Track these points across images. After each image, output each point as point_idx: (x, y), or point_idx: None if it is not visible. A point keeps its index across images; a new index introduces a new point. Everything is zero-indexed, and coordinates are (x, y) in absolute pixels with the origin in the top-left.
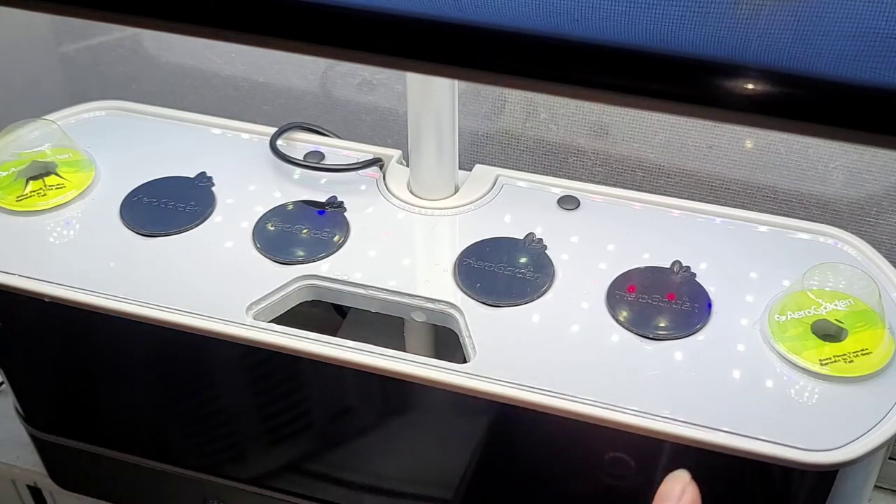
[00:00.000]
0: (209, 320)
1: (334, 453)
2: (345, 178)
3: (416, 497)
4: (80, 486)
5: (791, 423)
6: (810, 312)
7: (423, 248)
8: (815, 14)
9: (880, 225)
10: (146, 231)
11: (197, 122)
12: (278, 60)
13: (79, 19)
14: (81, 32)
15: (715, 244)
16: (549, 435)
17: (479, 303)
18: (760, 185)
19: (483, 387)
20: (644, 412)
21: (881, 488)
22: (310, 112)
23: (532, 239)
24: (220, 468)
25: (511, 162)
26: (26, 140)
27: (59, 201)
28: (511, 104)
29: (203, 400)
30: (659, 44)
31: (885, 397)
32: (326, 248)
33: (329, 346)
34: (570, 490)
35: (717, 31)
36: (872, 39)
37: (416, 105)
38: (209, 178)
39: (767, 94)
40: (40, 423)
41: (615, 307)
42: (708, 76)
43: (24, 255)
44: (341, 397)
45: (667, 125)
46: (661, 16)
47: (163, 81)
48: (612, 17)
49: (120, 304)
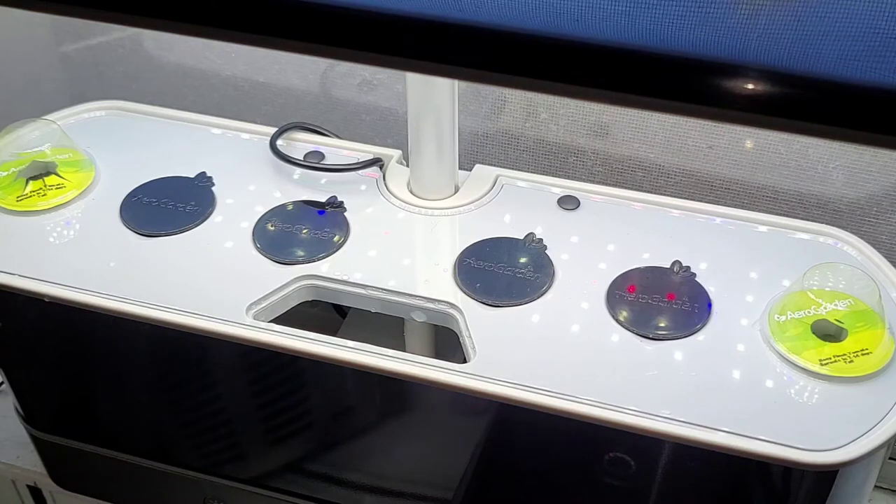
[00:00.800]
0: (209, 320)
1: (334, 453)
2: (345, 178)
3: (416, 497)
4: (80, 486)
5: (791, 423)
6: (810, 312)
7: (423, 248)
8: (815, 14)
9: (880, 225)
10: (146, 231)
11: (197, 122)
12: (278, 60)
13: (79, 19)
14: (81, 32)
15: (715, 244)
16: (549, 435)
17: (479, 303)
18: (760, 185)
19: (483, 387)
20: (644, 412)
21: (881, 488)
22: (310, 112)
23: (532, 239)
24: (220, 468)
25: (511, 162)
26: (26, 140)
27: (59, 201)
28: (511, 104)
29: (203, 400)
30: (659, 44)
31: (885, 397)
32: (326, 248)
33: (329, 346)
34: (569, 490)
35: (717, 31)
36: (873, 40)
37: (416, 105)
38: (209, 178)
39: (767, 94)
40: (40, 423)
41: (615, 307)
42: (708, 76)
43: (24, 255)
44: (341, 397)
45: (667, 125)
46: (661, 16)
47: (163, 81)
48: (612, 17)
49: (120, 304)
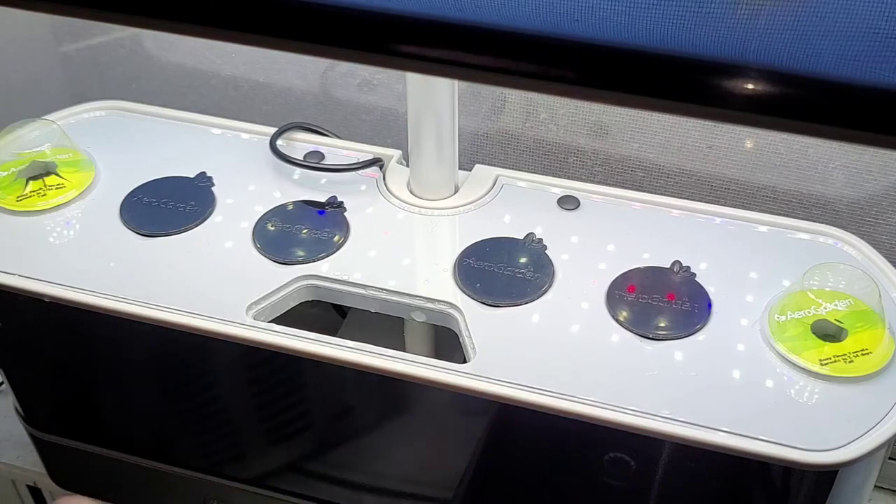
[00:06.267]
0: (209, 320)
1: (334, 453)
2: (345, 178)
3: (416, 497)
4: (80, 486)
5: (791, 423)
6: (810, 312)
7: (423, 248)
8: (815, 14)
9: (880, 225)
10: (146, 231)
11: (197, 122)
12: (278, 60)
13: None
14: (81, 32)
15: (715, 244)
16: (549, 435)
17: (479, 303)
18: (760, 185)
19: (483, 387)
20: (644, 412)
21: (881, 488)
22: (310, 112)
23: (532, 239)
24: (220, 468)
25: (511, 162)
26: (26, 140)
27: (59, 201)
28: (511, 104)
29: (203, 400)
30: (659, 44)
31: (885, 397)
32: (326, 248)
33: (329, 346)
34: (569, 490)
35: (717, 31)
36: (872, 39)
37: (416, 105)
38: (209, 178)
39: (767, 94)
40: (40, 423)
41: (615, 307)
42: (708, 76)
43: (24, 255)
44: (341, 397)
45: (667, 125)
46: (661, 16)
47: (163, 81)
48: (612, 17)
49: (120, 304)
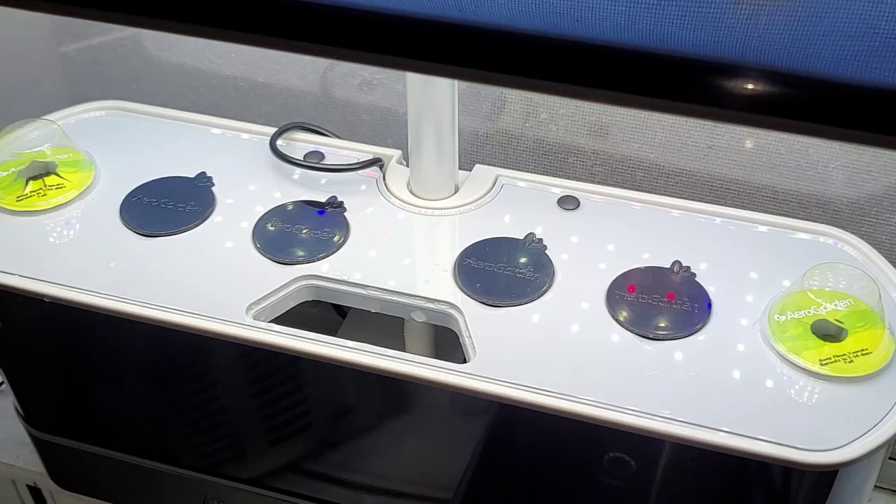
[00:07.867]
0: (209, 320)
1: (334, 453)
2: (345, 178)
3: (416, 497)
4: (80, 486)
5: (791, 423)
6: (810, 312)
7: (423, 248)
8: (815, 14)
9: (880, 225)
10: (146, 231)
11: (197, 122)
12: (278, 60)
13: (79, 19)
14: (81, 32)
15: (715, 244)
16: (549, 435)
17: (479, 303)
18: (760, 185)
19: (483, 387)
20: (644, 412)
21: (881, 488)
22: (310, 112)
23: (532, 239)
24: (220, 468)
25: (511, 162)
26: (26, 140)
27: (59, 201)
28: (511, 104)
29: (203, 400)
30: (659, 44)
31: (885, 397)
32: (326, 248)
33: (329, 346)
34: (569, 490)
35: (717, 31)
36: (872, 40)
37: (416, 105)
38: (209, 178)
39: (767, 94)
40: (40, 423)
41: (615, 307)
42: (708, 76)
43: (24, 255)
44: (341, 397)
45: (667, 125)
46: (660, 16)
47: (163, 81)
48: (612, 17)
49: (120, 304)
